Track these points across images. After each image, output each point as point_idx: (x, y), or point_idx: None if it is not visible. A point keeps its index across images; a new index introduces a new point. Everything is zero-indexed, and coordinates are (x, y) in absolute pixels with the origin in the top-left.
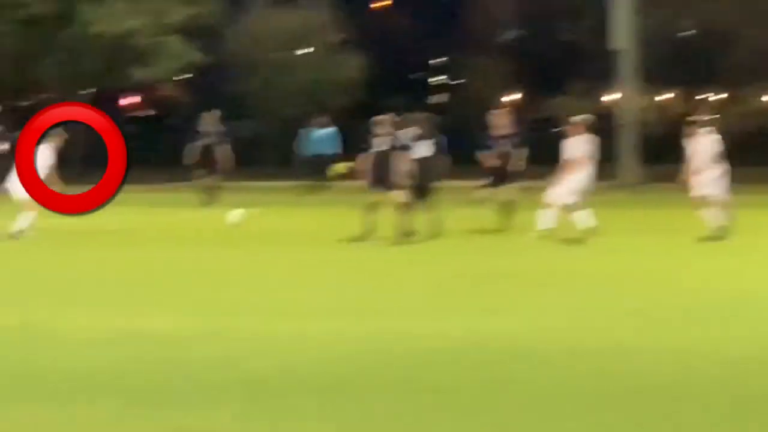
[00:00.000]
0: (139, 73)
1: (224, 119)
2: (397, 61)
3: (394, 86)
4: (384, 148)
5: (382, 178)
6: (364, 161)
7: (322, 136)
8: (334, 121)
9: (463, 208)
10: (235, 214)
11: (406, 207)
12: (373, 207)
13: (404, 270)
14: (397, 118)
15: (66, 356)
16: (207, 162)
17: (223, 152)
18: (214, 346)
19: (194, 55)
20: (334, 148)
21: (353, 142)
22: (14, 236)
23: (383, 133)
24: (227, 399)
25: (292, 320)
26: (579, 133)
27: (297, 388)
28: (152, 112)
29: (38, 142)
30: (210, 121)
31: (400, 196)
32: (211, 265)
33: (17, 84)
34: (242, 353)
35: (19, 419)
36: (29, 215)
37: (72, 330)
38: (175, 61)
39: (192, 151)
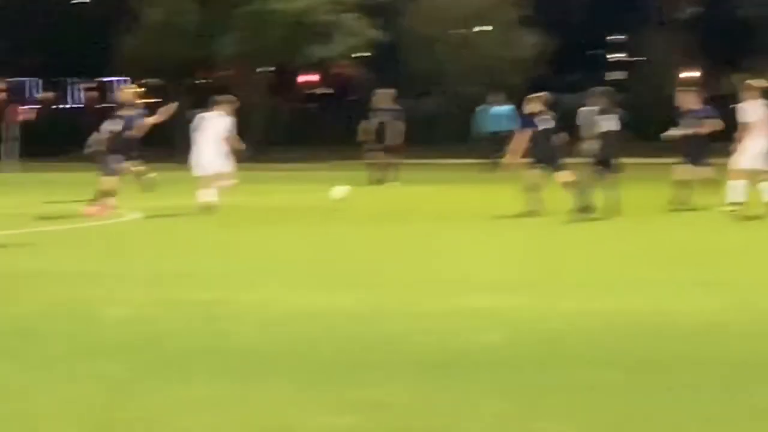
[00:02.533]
0: (317, 51)
1: (398, 97)
2: (574, 38)
3: (571, 63)
4: (547, 126)
5: (547, 157)
6: (521, 139)
7: (499, 113)
8: (512, 99)
9: (645, 185)
10: (340, 190)
11: (574, 185)
12: (535, 185)
13: (587, 246)
14: (550, 97)
15: (251, 333)
16: (380, 140)
17: (396, 130)
18: (392, 322)
19: (371, 33)
20: (512, 125)
21: None
22: (206, 210)
23: (541, 111)
24: (405, 374)
25: (478, 296)
26: (754, 98)
27: (475, 364)
28: (330, 90)
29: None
30: (384, 99)
31: (566, 175)
32: (390, 242)
33: (196, 62)
34: (424, 329)
35: (205, 393)
36: (210, 192)
37: (258, 306)
38: (352, 38)
39: (366, 128)
